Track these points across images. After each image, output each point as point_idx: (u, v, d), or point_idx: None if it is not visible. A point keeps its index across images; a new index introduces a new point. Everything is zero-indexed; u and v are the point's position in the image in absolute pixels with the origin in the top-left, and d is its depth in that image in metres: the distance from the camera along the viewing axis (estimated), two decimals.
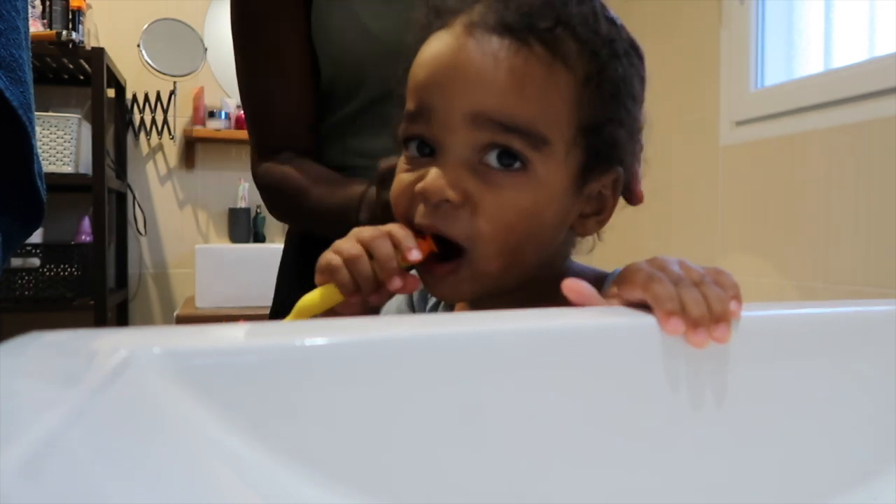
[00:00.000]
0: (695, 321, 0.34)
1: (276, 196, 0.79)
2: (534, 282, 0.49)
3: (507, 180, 0.45)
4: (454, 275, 0.47)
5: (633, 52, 0.49)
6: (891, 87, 1.32)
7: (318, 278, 0.47)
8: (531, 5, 0.46)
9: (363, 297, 0.46)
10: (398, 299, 0.59)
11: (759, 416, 0.36)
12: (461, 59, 0.46)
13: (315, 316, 0.46)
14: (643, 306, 0.36)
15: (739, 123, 1.74)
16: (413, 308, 0.59)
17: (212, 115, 2.43)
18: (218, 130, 2.41)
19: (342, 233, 0.49)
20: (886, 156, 1.31)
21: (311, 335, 0.30)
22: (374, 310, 0.50)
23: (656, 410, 0.34)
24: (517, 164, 0.45)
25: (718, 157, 1.79)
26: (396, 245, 0.46)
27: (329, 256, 0.47)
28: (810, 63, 1.64)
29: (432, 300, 0.59)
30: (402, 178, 0.49)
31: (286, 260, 0.87)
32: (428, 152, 0.48)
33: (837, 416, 0.38)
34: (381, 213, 0.59)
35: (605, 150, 0.48)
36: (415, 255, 0.45)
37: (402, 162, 0.50)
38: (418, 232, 0.47)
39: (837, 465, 0.37)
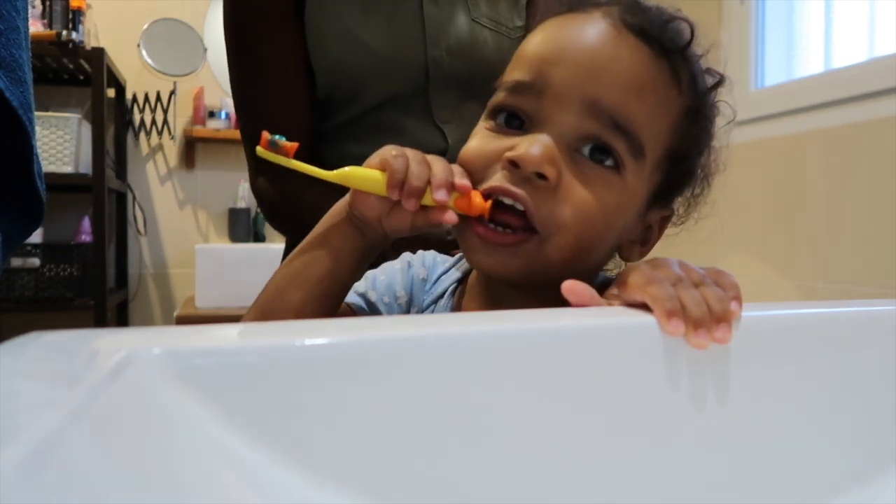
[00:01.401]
0: (695, 322, 0.34)
1: (275, 211, 0.79)
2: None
3: (598, 175, 0.45)
4: (513, 248, 0.45)
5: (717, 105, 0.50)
6: (891, 87, 1.32)
7: (374, 161, 0.46)
8: (670, 21, 0.47)
9: (403, 202, 0.45)
10: (397, 277, 0.56)
11: (760, 416, 0.36)
12: (595, 45, 0.45)
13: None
14: (643, 307, 0.36)
15: (739, 123, 1.74)
16: (410, 297, 0.56)
17: (212, 115, 2.43)
18: (218, 130, 2.41)
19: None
20: (886, 156, 1.31)
21: (311, 335, 0.30)
22: (377, 241, 0.49)
23: (656, 410, 0.34)
24: (609, 162, 0.45)
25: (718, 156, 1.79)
26: (431, 178, 0.44)
27: (395, 149, 0.46)
28: (810, 63, 1.64)
29: (437, 289, 0.56)
30: (483, 142, 0.47)
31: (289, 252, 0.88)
32: (518, 125, 0.46)
33: (837, 416, 0.37)
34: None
35: (679, 182, 0.49)
36: (441, 195, 0.44)
37: (481, 128, 0.48)
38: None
39: (837, 465, 0.37)
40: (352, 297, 0.55)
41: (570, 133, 0.45)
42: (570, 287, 0.38)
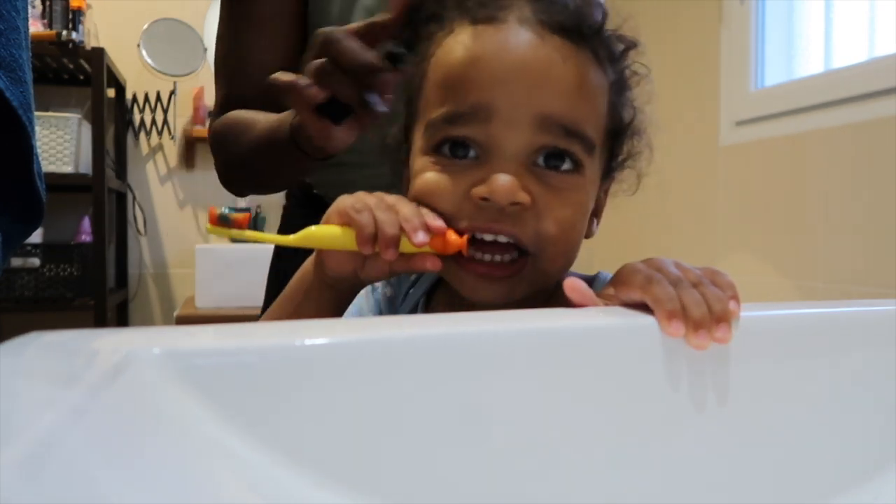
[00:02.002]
0: (696, 323, 0.34)
1: (222, 140, 0.75)
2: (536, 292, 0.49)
3: (562, 182, 0.45)
4: (515, 276, 0.45)
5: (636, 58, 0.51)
6: (891, 87, 1.32)
7: (334, 218, 0.44)
8: (577, 6, 0.46)
9: (378, 249, 0.43)
10: (362, 302, 0.55)
11: (760, 416, 0.36)
12: (528, 58, 0.44)
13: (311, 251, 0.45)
14: (641, 307, 0.36)
15: (739, 123, 1.74)
16: (380, 315, 0.56)
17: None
18: None
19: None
20: (886, 156, 1.31)
21: (311, 335, 0.30)
22: (353, 288, 0.48)
23: (656, 410, 0.34)
24: (566, 166, 0.45)
25: (718, 157, 1.79)
26: (403, 224, 0.43)
27: (352, 199, 0.44)
28: (810, 63, 1.64)
29: (407, 304, 0.56)
30: (441, 179, 0.45)
31: (276, 264, 0.87)
32: (465, 154, 0.45)
33: (837, 416, 0.37)
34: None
35: (619, 154, 0.50)
36: (420, 237, 0.43)
37: (427, 163, 0.47)
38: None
39: (837, 465, 0.37)
40: None
41: (524, 151, 0.44)
42: (571, 285, 0.38)
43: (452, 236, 0.44)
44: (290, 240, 0.44)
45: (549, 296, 0.50)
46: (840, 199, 1.42)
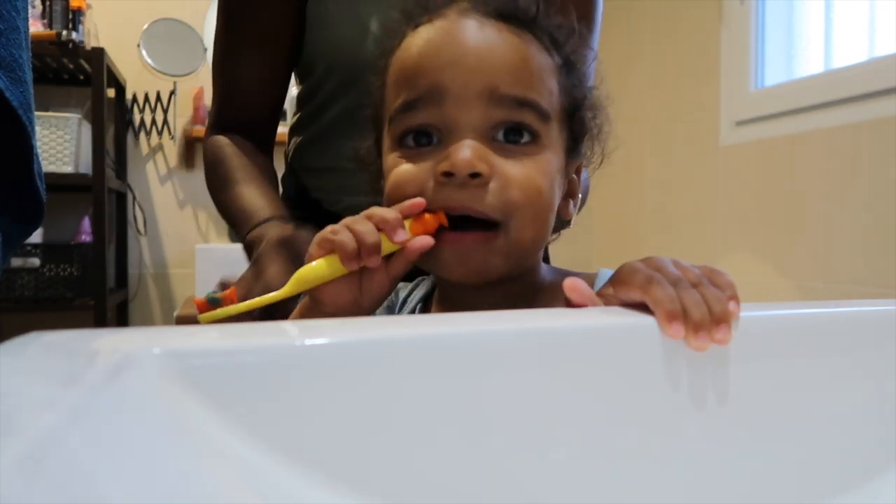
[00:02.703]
0: (696, 325, 0.34)
1: (209, 172, 0.79)
2: (518, 279, 0.50)
3: (523, 152, 0.47)
4: (488, 245, 0.46)
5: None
6: (891, 87, 1.32)
7: (316, 251, 0.45)
8: None
9: (366, 263, 0.44)
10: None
11: (760, 416, 0.36)
12: (470, 39, 0.47)
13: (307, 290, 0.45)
14: (641, 307, 0.36)
15: (739, 123, 1.74)
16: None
17: None
18: None
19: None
20: (886, 156, 1.31)
21: (311, 335, 0.30)
22: (357, 307, 0.48)
23: (656, 410, 0.34)
24: (525, 139, 0.47)
25: (718, 157, 1.79)
26: (381, 226, 0.45)
27: (328, 228, 0.45)
28: (810, 63, 1.64)
29: (410, 305, 0.57)
30: (408, 168, 0.47)
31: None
32: (427, 142, 0.48)
33: (837, 417, 0.37)
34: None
35: (581, 131, 0.52)
36: (401, 235, 0.44)
37: (394, 158, 0.49)
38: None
39: (837, 465, 0.37)
40: None
41: (482, 126, 0.46)
42: (571, 285, 0.38)
43: (428, 216, 0.46)
44: (284, 292, 0.45)
45: (535, 294, 0.51)
46: (840, 199, 1.42)
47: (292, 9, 0.76)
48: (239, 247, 0.73)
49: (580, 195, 0.54)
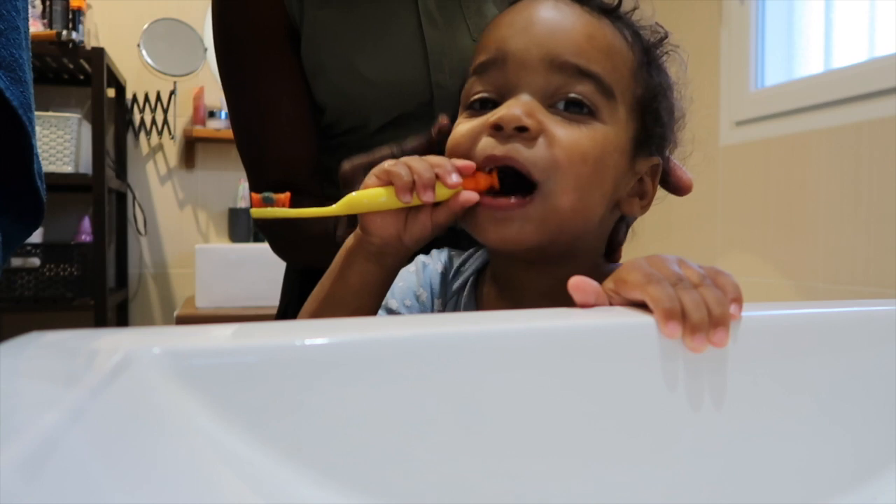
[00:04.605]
0: (694, 326, 0.33)
1: (275, 238, 0.77)
2: (569, 262, 0.50)
3: (577, 119, 0.48)
4: (522, 210, 0.46)
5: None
6: (891, 87, 1.32)
7: (372, 180, 0.47)
8: None
9: (420, 197, 0.45)
10: (412, 279, 0.57)
11: (759, 416, 0.36)
12: (541, 13, 0.50)
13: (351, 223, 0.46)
14: (643, 306, 0.36)
15: (739, 123, 1.74)
16: (431, 292, 0.57)
17: (212, 114, 2.43)
18: (218, 130, 2.40)
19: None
20: (886, 156, 1.31)
21: (311, 335, 0.30)
22: (397, 261, 0.49)
23: (656, 409, 0.34)
24: (585, 111, 0.48)
25: (718, 157, 1.79)
26: (436, 169, 0.46)
27: (387, 162, 0.47)
28: (810, 63, 1.64)
29: (458, 281, 0.57)
30: (465, 124, 0.49)
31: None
32: (492, 106, 0.49)
33: (837, 416, 0.37)
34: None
35: (654, 129, 0.52)
36: (454, 178, 0.45)
37: (459, 119, 0.51)
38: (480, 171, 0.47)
39: (837, 465, 0.37)
40: None
41: (540, 91, 0.48)
42: (575, 284, 0.38)
43: (481, 175, 0.47)
44: (334, 209, 0.46)
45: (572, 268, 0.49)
46: (840, 199, 1.42)
47: (293, 67, 0.74)
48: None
49: (649, 197, 0.54)
